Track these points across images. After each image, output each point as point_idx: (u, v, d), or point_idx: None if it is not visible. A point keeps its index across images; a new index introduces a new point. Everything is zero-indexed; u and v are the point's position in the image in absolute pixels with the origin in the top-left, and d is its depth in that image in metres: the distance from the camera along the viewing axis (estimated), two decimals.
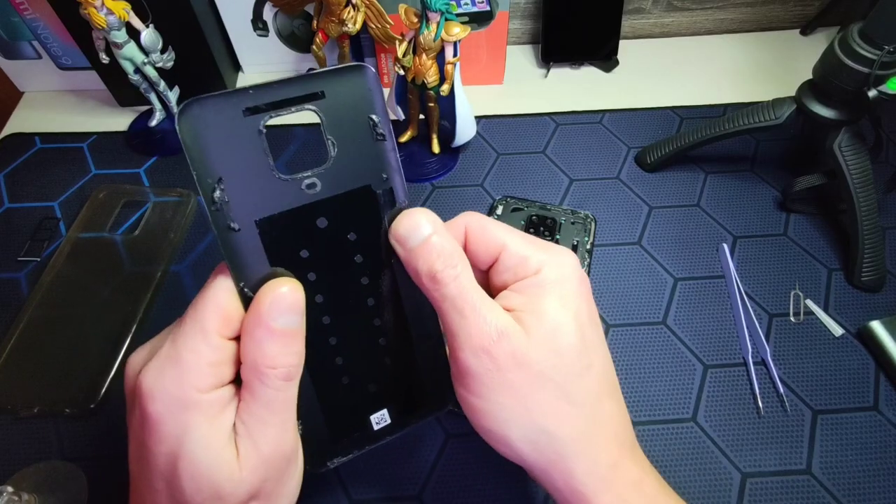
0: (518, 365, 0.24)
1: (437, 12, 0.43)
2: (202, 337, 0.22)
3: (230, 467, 0.22)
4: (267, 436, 0.23)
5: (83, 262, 0.46)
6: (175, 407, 0.22)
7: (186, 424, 0.22)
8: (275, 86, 0.21)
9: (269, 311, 0.22)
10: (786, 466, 0.37)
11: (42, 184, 0.52)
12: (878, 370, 0.41)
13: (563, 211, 0.48)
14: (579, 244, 0.46)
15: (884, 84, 0.39)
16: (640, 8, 0.64)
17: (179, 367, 0.22)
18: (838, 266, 0.47)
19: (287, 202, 0.22)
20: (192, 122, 0.20)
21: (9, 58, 0.57)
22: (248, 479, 0.23)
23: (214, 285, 0.23)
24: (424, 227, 0.24)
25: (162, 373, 0.22)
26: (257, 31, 0.58)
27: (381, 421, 0.27)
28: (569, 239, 0.47)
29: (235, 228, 0.22)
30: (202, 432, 0.22)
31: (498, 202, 0.49)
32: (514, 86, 0.61)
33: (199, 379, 0.22)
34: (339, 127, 0.22)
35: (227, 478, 0.22)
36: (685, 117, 0.57)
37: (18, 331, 0.42)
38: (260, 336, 0.22)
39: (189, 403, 0.22)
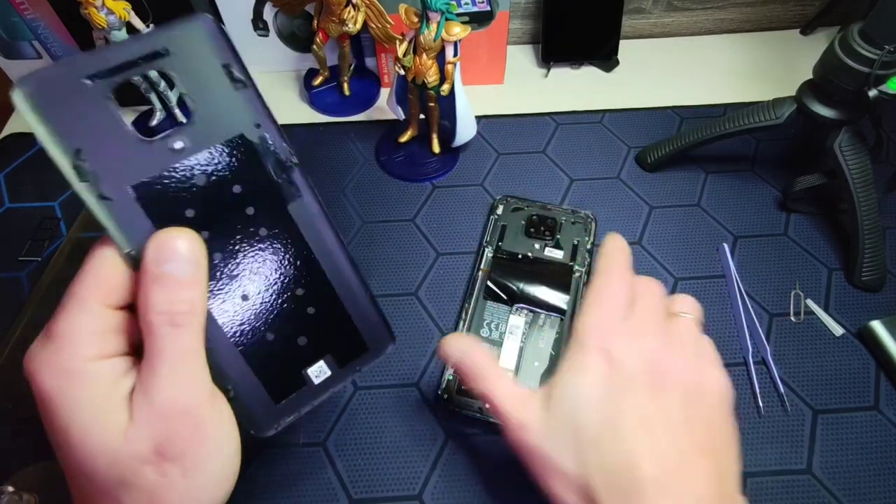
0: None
1: (437, 12, 0.43)
2: (79, 307, 0.22)
3: (122, 427, 0.22)
4: (159, 387, 0.22)
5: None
6: (60, 379, 0.22)
7: (73, 395, 0.22)
8: (113, 49, 0.20)
9: (153, 258, 0.22)
10: (786, 466, 0.37)
11: (42, 184, 0.52)
12: (878, 370, 0.41)
13: (564, 211, 0.48)
14: (579, 244, 0.46)
15: (884, 84, 0.39)
16: (640, 8, 0.64)
17: (59, 340, 0.22)
18: (839, 266, 0.46)
19: (160, 164, 0.22)
20: (33, 99, 0.19)
21: (9, 58, 0.57)
22: (141, 432, 0.22)
23: (91, 257, 0.23)
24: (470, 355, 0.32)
25: (43, 348, 0.22)
26: (257, 31, 0.58)
27: (320, 374, 0.27)
28: (569, 239, 0.46)
29: (110, 197, 0.21)
30: (91, 400, 0.22)
31: (498, 202, 0.49)
32: (514, 86, 0.61)
33: (82, 348, 0.22)
34: (194, 81, 0.22)
35: (120, 436, 0.22)
36: (685, 117, 0.57)
37: (19, 330, 0.42)
38: (145, 283, 0.22)
39: (73, 373, 0.22)
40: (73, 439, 0.22)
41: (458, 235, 0.48)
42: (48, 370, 0.22)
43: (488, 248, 0.45)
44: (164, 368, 0.22)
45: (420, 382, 0.41)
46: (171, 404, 0.22)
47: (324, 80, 0.59)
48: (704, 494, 0.26)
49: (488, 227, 0.47)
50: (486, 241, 0.46)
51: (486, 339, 0.41)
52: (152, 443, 0.22)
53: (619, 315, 0.31)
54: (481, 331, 0.41)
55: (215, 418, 0.24)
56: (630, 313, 0.31)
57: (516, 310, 0.42)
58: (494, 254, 0.45)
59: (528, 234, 0.46)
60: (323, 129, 0.56)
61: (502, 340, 0.41)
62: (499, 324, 0.42)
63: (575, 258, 0.45)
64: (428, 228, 0.49)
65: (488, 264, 0.45)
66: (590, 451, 0.27)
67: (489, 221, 0.47)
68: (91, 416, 0.22)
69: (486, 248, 0.45)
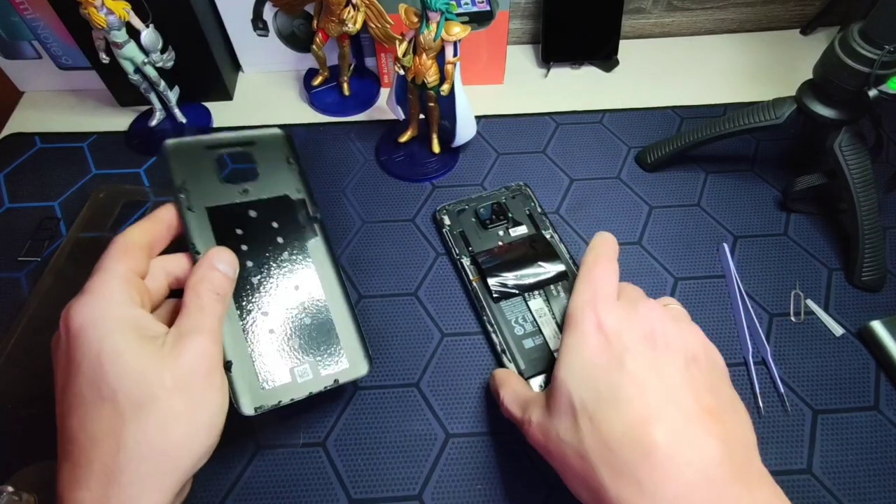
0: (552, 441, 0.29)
1: (437, 12, 0.43)
2: (110, 268, 0.28)
3: (152, 355, 0.26)
4: (195, 332, 0.28)
5: (84, 262, 0.45)
6: (95, 316, 0.26)
7: (107, 327, 0.26)
8: (226, 135, 0.36)
9: (213, 257, 0.31)
10: (786, 466, 0.37)
11: (42, 184, 0.52)
12: (878, 370, 0.41)
13: (498, 192, 0.49)
14: (531, 212, 0.47)
15: (884, 83, 0.39)
16: (640, 8, 0.64)
17: (94, 291, 0.27)
18: (839, 266, 0.46)
19: (229, 199, 0.35)
20: (173, 151, 0.34)
21: (9, 58, 0.57)
22: (168, 364, 0.26)
23: (115, 239, 0.30)
24: None
25: (80, 298, 0.27)
26: (257, 30, 0.58)
27: (303, 375, 0.33)
28: (520, 212, 0.47)
29: (192, 209, 0.33)
30: (123, 331, 0.26)
31: (440, 214, 0.48)
32: (514, 86, 0.61)
33: (115, 294, 0.27)
34: (265, 160, 0.37)
35: (149, 361, 0.26)
36: (685, 117, 0.57)
37: (19, 330, 0.42)
38: (203, 267, 0.30)
39: (101, 317, 0.26)
40: (103, 362, 0.25)
41: None
42: (84, 311, 0.27)
43: (463, 258, 0.45)
44: (201, 321, 0.28)
45: (420, 382, 0.41)
46: (199, 348, 0.27)
47: (324, 80, 0.59)
48: (713, 459, 0.25)
49: (448, 241, 0.46)
50: (457, 254, 0.45)
51: (524, 335, 0.41)
52: (174, 374, 0.26)
53: (611, 293, 0.32)
54: (515, 329, 0.41)
55: (222, 372, 0.29)
56: (620, 293, 0.33)
57: (530, 297, 0.43)
58: (473, 261, 0.45)
59: (487, 227, 0.46)
60: (323, 129, 0.56)
61: (540, 327, 0.41)
62: (524, 315, 0.42)
63: (538, 225, 0.47)
64: (428, 228, 0.49)
65: (475, 272, 0.44)
66: (591, 427, 0.26)
67: (445, 236, 0.47)
68: (124, 341, 0.26)
69: (461, 260, 0.45)
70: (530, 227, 0.46)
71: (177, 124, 0.56)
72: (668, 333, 0.29)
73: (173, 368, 0.26)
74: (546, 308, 0.42)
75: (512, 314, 0.42)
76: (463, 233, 0.46)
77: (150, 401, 0.25)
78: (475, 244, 0.46)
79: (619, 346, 0.28)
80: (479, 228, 0.46)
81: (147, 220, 0.32)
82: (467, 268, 0.44)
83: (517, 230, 0.46)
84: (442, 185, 0.52)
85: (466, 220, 0.47)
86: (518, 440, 0.38)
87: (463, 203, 0.48)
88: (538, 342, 0.40)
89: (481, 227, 0.46)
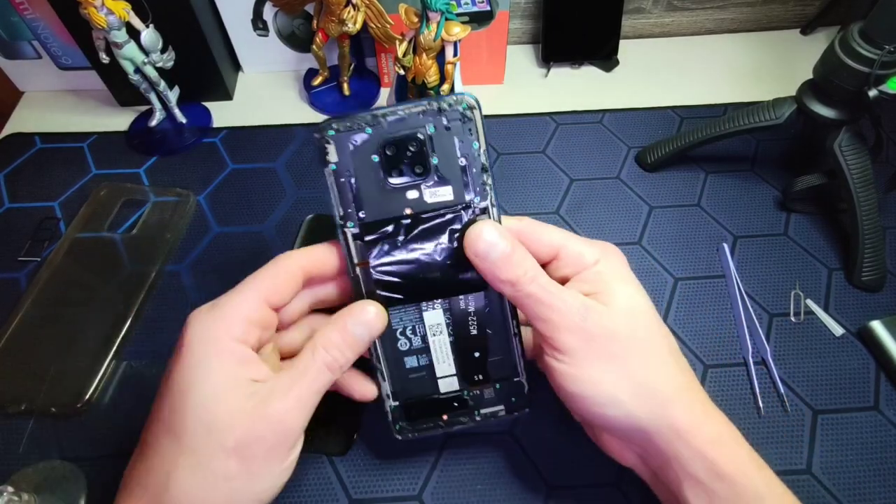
0: (609, 335, 0.28)
1: (437, 12, 0.43)
2: (246, 293, 0.27)
3: (232, 409, 0.25)
4: (280, 401, 0.26)
5: (81, 260, 0.46)
6: (203, 338, 0.26)
7: (207, 355, 0.25)
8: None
9: (351, 315, 0.28)
10: (786, 466, 0.37)
11: (42, 184, 0.52)
12: (878, 370, 0.41)
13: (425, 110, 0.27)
14: (469, 162, 0.28)
15: (884, 83, 0.39)
16: (640, 8, 0.64)
17: (218, 311, 0.27)
18: (839, 266, 0.46)
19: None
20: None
21: (9, 58, 0.57)
22: (242, 424, 0.25)
23: (276, 260, 0.28)
24: (501, 244, 0.28)
25: (204, 311, 0.27)
26: (257, 30, 0.58)
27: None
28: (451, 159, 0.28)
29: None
30: (218, 368, 0.25)
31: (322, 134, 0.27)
32: (514, 86, 0.61)
33: (233, 326, 0.26)
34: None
35: (226, 417, 0.25)
36: (685, 117, 0.57)
37: (11, 328, 0.42)
38: (335, 326, 0.28)
39: (213, 339, 0.26)
40: (190, 391, 0.25)
41: None
42: (198, 327, 0.26)
43: (348, 225, 0.28)
44: (296, 388, 0.26)
45: None
46: (280, 420, 0.26)
47: (324, 80, 0.59)
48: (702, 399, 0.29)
49: (331, 190, 0.28)
50: (341, 217, 0.28)
51: (409, 350, 0.31)
52: (239, 436, 0.25)
53: None
54: (399, 344, 0.31)
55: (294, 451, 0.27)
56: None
57: (427, 307, 0.30)
58: (360, 232, 0.28)
59: (392, 176, 0.28)
60: None
61: (429, 347, 0.31)
62: (414, 326, 0.31)
63: (474, 188, 0.28)
64: None
65: (360, 252, 0.29)
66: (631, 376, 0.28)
67: (327, 179, 0.28)
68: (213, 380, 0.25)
69: (345, 228, 0.28)
70: (458, 189, 0.28)
71: (177, 124, 0.56)
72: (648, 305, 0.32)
73: (242, 430, 0.25)
74: (444, 323, 0.31)
75: (398, 322, 0.30)
76: (354, 182, 0.28)
77: (206, 455, 0.24)
78: (370, 205, 0.28)
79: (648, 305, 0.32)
80: (381, 177, 0.28)
81: (320, 248, 0.29)
82: (351, 244, 0.29)
83: (439, 192, 0.28)
84: None
85: (363, 158, 0.28)
86: (518, 440, 0.38)
87: (362, 121, 0.27)
88: (423, 363, 0.31)
89: (385, 173, 0.28)
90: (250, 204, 0.51)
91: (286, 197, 0.51)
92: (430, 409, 0.32)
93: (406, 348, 0.31)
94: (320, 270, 0.29)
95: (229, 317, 0.26)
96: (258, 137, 0.56)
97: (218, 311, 0.27)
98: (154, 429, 0.26)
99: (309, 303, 0.31)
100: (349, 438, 0.36)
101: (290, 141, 0.55)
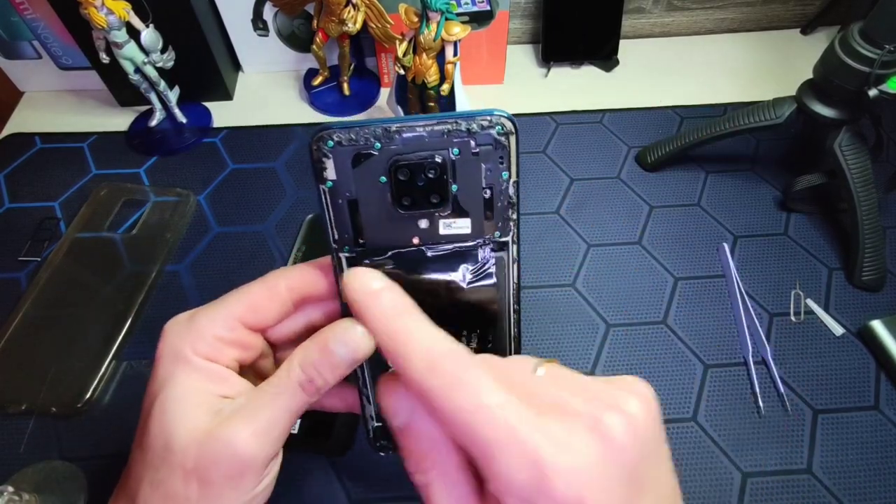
0: None
1: (437, 12, 0.43)
2: (220, 310, 0.25)
3: (190, 426, 0.23)
4: (244, 423, 0.22)
5: (81, 260, 0.46)
6: (171, 354, 0.24)
7: (173, 373, 0.24)
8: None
9: (334, 334, 0.23)
10: (786, 466, 0.37)
11: (42, 184, 0.52)
12: (878, 370, 0.41)
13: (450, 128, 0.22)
14: (495, 191, 0.23)
15: (884, 83, 0.39)
16: (640, 8, 0.64)
17: (190, 325, 0.24)
18: (839, 265, 0.46)
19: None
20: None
21: (9, 58, 0.57)
22: (199, 445, 0.22)
23: (267, 277, 0.26)
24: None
25: (178, 322, 0.25)
26: (257, 30, 0.58)
27: None
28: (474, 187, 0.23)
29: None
30: (183, 387, 0.23)
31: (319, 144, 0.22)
32: (514, 85, 0.61)
33: (199, 342, 0.24)
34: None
35: (184, 434, 0.22)
36: (685, 117, 0.57)
37: (11, 328, 0.42)
38: (316, 344, 0.23)
39: (180, 357, 0.24)
40: (154, 407, 0.23)
41: None
42: (169, 340, 0.25)
43: (345, 250, 0.24)
44: (263, 414, 0.23)
45: None
46: (238, 440, 0.22)
47: (324, 80, 0.59)
48: None
49: (326, 210, 0.23)
50: (335, 241, 0.23)
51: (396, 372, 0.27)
52: (199, 457, 0.22)
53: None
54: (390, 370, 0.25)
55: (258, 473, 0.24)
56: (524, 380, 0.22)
57: None
58: (359, 258, 0.24)
59: (402, 205, 0.23)
60: None
61: None
62: None
63: (490, 221, 0.23)
64: None
65: None
66: None
67: (322, 197, 0.23)
68: (175, 399, 0.23)
69: (340, 253, 0.24)
70: (479, 226, 0.24)
71: (177, 124, 0.56)
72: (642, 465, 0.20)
73: (198, 451, 0.22)
74: None
75: None
76: (354, 203, 0.23)
77: (165, 473, 0.23)
78: (370, 231, 0.23)
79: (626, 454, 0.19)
80: (389, 202, 0.23)
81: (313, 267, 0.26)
82: (345, 270, 0.24)
83: (455, 224, 0.24)
84: None
85: (369, 179, 0.22)
86: None
87: (370, 134, 0.22)
88: None
89: (395, 201, 0.23)
90: (250, 204, 0.51)
91: (286, 197, 0.51)
92: None
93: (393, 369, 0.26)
94: (314, 292, 0.26)
95: (197, 332, 0.24)
96: (258, 137, 0.56)
97: (192, 323, 0.25)
98: (136, 437, 0.25)
99: (304, 326, 0.27)
100: (349, 438, 0.36)
101: (290, 141, 0.55)
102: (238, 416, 0.23)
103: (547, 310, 0.44)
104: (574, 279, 0.46)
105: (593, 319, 0.44)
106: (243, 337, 0.25)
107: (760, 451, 0.38)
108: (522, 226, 0.24)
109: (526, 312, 0.43)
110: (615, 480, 0.18)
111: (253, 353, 0.26)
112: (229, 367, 0.25)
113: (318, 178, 0.22)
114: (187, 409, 0.23)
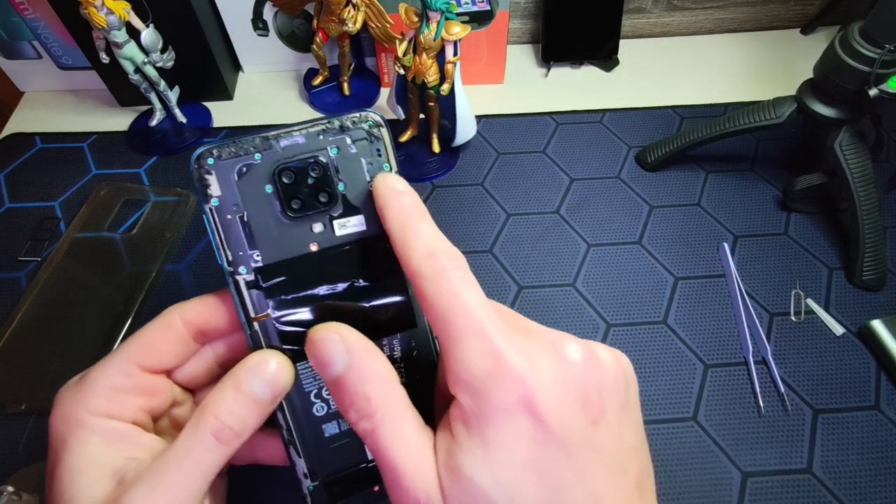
0: None
1: (437, 11, 0.43)
2: (113, 361, 0.22)
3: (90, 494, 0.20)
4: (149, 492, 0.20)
5: (81, 260, 0.46)
6: (63, 422, 0.22)
7: (66, 441, 0.21)
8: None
9: (247, 369, 0.22)
10: (787, 466, 0.37)
11: (42, 184, 0.52)
12: (878, 369, 0.41)
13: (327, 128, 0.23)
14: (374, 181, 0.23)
15: (884, 83, 0.39)
16: (640, 7, 0.64)
17: (81, 384, 0.22)
18: (839, 265, 0.46)
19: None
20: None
21: (9, 58, 0.57)
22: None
23: (160, 315, 0.23)
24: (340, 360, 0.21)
25: (68, 387, 0.23)
26: (257, 30, 0.58)
27: None
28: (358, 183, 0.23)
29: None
30: (80, 455, 0.21)
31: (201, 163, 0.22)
32: (514, 85, 0.61)
33: (94, 400, 0.22)
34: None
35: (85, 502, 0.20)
36: (685, 116, 0.57)
37: (11, 328, 0.42)
38: (227, 384, 0.21)
39: (73, 421, 0.21)
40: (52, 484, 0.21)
41: (458, 235, 0.48)
42: (60, 408, 0.22)
43: (241, 272, 0.23)
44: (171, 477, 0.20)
45: None
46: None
47: (324, 79, 0.59)
48: None
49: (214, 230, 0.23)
50: (230, 263, 0.23)
51: (325, 416, 0.25)
52: None
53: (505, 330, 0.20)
54: (314, 409, 0.24)
55: None
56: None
57: None
58: (256, 279, 0.23)
59: (292, 209, 0.23)
60: None
61: None
62: None
63: None
64: None
65: (258, 303, 0.23)
66: None
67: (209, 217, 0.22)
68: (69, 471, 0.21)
69: (236, 276, 0.23)
70: (373, 221, 0.24)
71: (177, 124, 0.56)
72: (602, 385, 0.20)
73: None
74: None
75: (311, 383, 0.24)
76: (244, 220, 0.23)
77: None
78: (264, 244, 0.23)
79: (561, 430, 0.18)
80: (278, 210, 0.23)
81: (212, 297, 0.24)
82: (245, 295, 0.23)
83: (349, 222, 0.24)
84: (442, 185, 0.52)
85: (254, 189, 0.23)
86: None
87: (249, 145, 0.22)
88: (346, 427, 0.25)
89: (282, 205, 0.23)
90: None
91: None
92: (357, 482, 0.26)
93: (323, 413, 0.24)
94: (214, 323, 0.23)
95: (90, 388, 0.22)
96: None
97: (83, 382, 0.22)
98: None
99: (214, 363, 0.25)
100: None
101: None
102: (142, 483, 0.20)
103: (547, 309, 0.44)
104: (574, 279, 0.46)
105: (593, 319, 0.44)
106: (143, 382, 0.23)
107: (760, 450, 0.38)
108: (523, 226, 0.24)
109: (526, 312, 0.43)
110: (569, 397, 0.19)
111: (161, 399, 0.23)
112: (136, 419, 0.22)
113: (203, 198, 0.22)
114: (86, 480, 0.21)
